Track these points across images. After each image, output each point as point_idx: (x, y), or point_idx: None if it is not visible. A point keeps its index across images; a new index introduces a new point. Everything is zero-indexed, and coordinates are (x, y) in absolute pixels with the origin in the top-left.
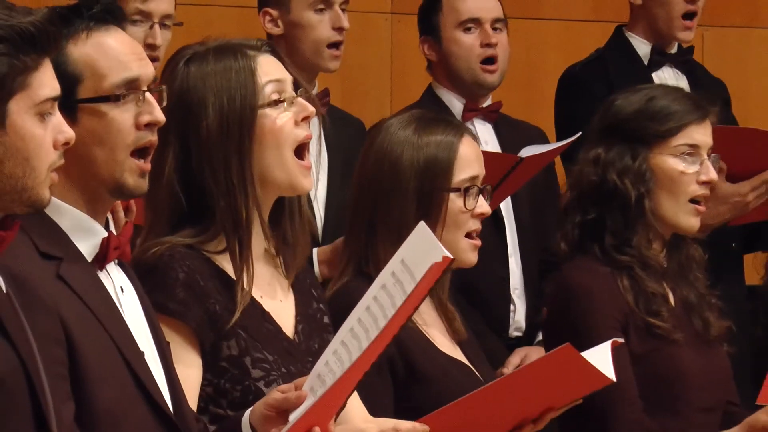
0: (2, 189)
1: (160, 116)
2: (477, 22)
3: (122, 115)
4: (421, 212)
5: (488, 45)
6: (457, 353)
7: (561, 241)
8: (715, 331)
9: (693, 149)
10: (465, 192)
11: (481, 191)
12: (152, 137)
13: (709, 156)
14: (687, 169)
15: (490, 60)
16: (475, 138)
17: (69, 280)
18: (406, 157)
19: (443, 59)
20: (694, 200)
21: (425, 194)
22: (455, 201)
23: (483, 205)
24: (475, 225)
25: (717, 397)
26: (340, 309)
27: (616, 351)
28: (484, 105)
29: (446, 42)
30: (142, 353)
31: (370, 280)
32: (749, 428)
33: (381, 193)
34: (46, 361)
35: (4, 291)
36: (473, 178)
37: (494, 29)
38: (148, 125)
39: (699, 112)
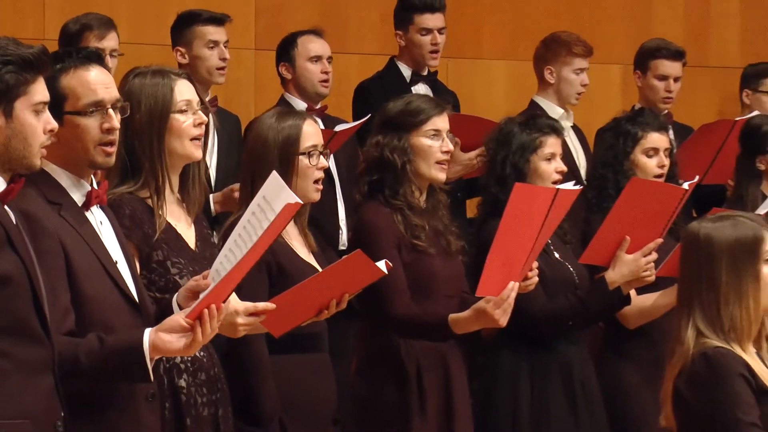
0: (10, 157)
1: (116, 124)
2: (320, 58)
3: (90, 124)
4: (283, 170)
5: (325, 72)
6: (311, 259)
7: (356, 194)
8: (454, 248)
9: (437, 132)
10: (309, 155)
11: (321, 153)
12: (111, 137)
13: (447, 135)
14: (433, 145)
15: (326, 80)
16: (315, 121)
17: (67, 217)
18: (271, 136)
19: (295, 78)
20: (439, 163)
21: (284, 158)
22: (303, 161)
23: (322, 162)
24: (318, 174)
25: (455, 288)
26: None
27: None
28: (317, 107)
29: (299, 68)
30: (116, 262)
31: None
32: (475, 311)
33: (258, 160)
34: (50, 267)
35: (14, 223)
36: (314, 146)
37: (329, 62)
38: (108, 130)
39: (439, 108)
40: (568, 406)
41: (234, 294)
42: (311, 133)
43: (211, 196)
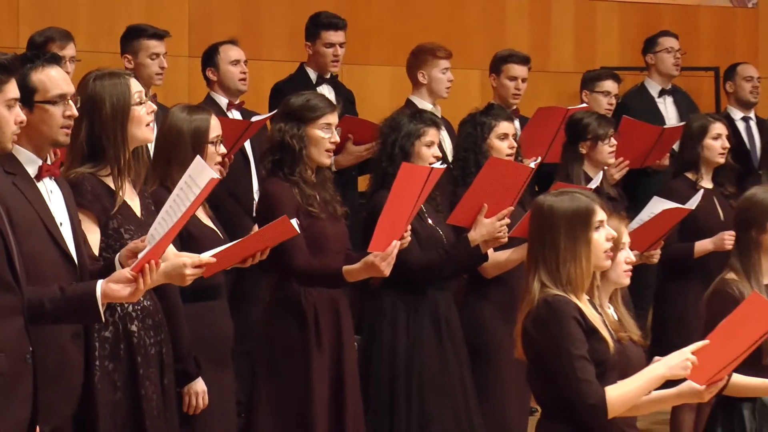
0: None
1: (75, 112)
2: (238, 61)
3: (56, 111)
4: (194, 154)
5: (243, 73)
6: (209, 222)
7: (263, 170)
8: (339, 213)
9: (328, 126)
10: (214, 143)
11: (221, 142)
12: (70, 122)
13: (335, 129)
14: (324, 136)
15: (244, 78)
16: (217, 116)
17: (18, 185)
18: (185, 128)
19: (220, 79)
20: (327, 150)
21: (195, 146)
22: (210, 147)
23: (222, 149)
24: (219, 159)
25: (341, 245)
26: (155, 202)
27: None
28: (236, 102)
29: (222, 71)
30: (60, 224)
31: (168, 190)
32: (364, 263)
33: (172, 147)
34: None
35: None
36: (217, 136)
37: (245, 64)
38: (69, 116)
39: (331, 107)
40: (436, 337)
41: (173, 248)
42: (216, 126)
43: None
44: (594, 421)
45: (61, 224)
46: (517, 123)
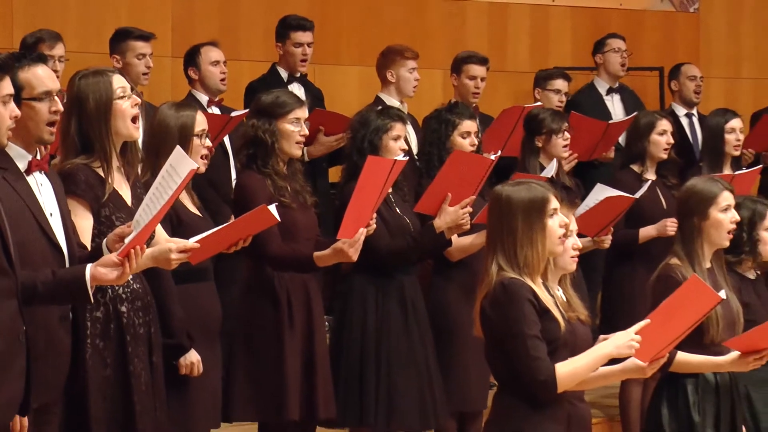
0: None
1: (60, 107)
2: (218, 62)
3: (42, 107)
4: (181, 147)
5: (223, 73)
6: (196, 211)
7: (237, 163)
8: (309, 202)
9: (297, 120)
10: (200, 137)
11: (207, 135)
12: (56, 118)
13: (304, 123)
14: (294, 130)
15: (223, 78)
16: (204, 112)
17: (7, 178)
18: (172, 123)
19: (201, 78)
20: (297, 143)
21: (182, 140)
22: (196, 141)
23: (207, 142)
24: (205, 151)
25: (311, 232)
26: (145, 189)
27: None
28: (216, 100)
29: (203, 71)
30: (50, 214)
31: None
32: (333, 250)
33: (161, 138)
34: None
35: None
36: (203, 130)
37: (224, 65)
38: (54, 112)
39: (299, 102)
40: (402, 318)
41: (163, 230)
42: (201, 121)
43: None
44: (545, 395)
45: (51, 215)
46: (477, 120)
